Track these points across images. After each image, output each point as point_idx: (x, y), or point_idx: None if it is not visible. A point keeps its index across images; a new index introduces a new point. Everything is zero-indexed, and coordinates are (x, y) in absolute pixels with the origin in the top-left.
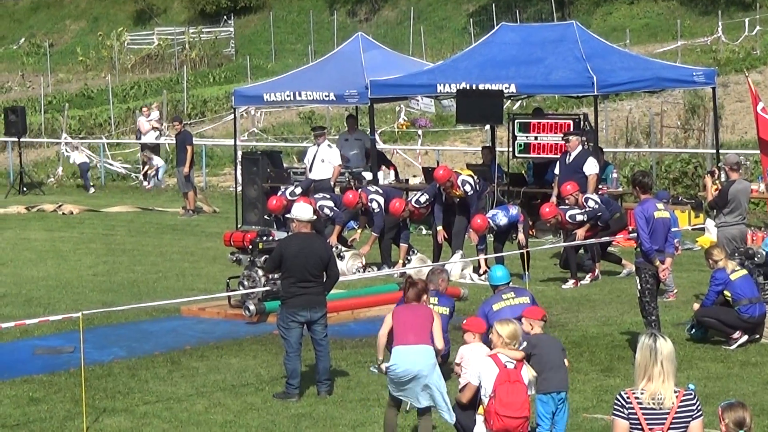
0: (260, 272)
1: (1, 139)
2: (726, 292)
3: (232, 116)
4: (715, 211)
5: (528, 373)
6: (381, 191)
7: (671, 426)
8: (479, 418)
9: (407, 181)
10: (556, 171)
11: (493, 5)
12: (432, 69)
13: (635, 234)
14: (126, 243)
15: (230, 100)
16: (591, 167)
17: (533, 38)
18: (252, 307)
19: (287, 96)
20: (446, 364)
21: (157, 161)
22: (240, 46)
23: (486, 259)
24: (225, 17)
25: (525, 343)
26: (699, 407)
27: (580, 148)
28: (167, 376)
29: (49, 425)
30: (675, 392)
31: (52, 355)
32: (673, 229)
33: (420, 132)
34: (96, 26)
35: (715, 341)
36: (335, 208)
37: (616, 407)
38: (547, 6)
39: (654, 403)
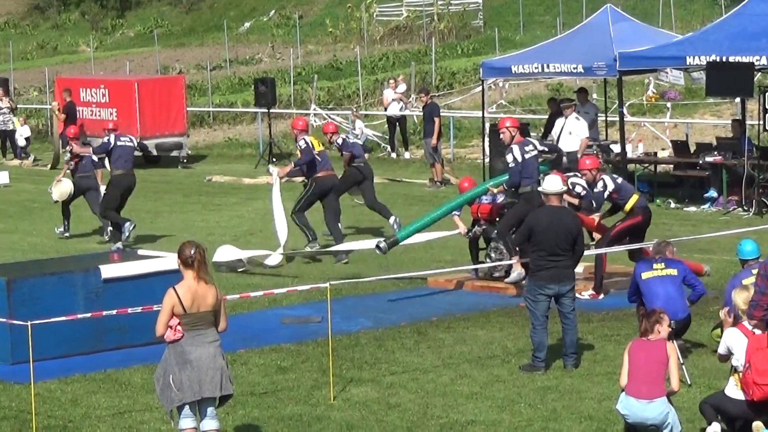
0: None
1: (251, 110)
2: None
3: (479, 88)
4: None
5: None
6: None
7: None
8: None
9: (656, 154)
10: None
11: None
12: (681, 41)
13: None
14: (374, 214)
15: (478, 72)
16: None
17: None
18: (383, 245)
19: (535, 68)
20: (685, 331)
21: (359, 125)
22: (488, 18)
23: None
24: None
25: None
26: None
27: None
28: (414, 347)
29: (296, 393)
30: None
31: (299, 324)
32: None
33: (669, 105)
34: None
35: None
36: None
37: None
38: None
39: None
